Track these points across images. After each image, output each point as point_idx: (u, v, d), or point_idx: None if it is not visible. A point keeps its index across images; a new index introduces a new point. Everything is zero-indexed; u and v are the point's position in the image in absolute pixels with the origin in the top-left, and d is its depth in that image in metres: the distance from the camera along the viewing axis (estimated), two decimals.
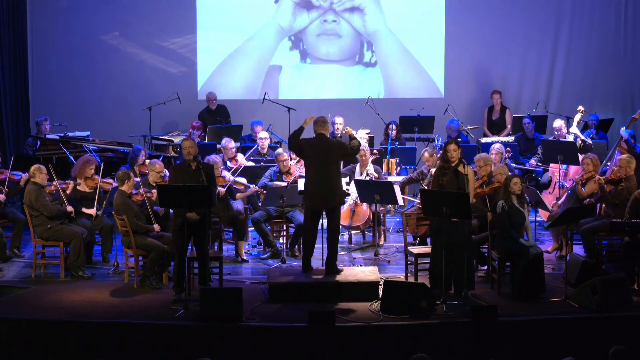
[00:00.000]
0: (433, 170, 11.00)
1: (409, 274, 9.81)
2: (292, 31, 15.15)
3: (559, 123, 12.71)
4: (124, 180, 9.81)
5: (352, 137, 9.76)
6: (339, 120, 13.29)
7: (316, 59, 15.18)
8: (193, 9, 15.02)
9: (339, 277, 9.28)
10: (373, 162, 11.55)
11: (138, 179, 10.31)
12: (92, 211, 10.48)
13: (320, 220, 9.65)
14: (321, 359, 8.22)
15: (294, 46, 15.19)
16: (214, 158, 10.75)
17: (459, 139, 11.87)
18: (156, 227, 9.72)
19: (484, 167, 10.25)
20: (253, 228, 10.93)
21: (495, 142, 12.47)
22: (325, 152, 9.38)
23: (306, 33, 15.15)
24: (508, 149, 12.03)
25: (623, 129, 11.86)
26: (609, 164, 11.58)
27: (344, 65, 15.22)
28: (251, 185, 11.08)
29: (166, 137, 13.63)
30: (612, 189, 10.14)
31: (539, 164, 12.48)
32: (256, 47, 15.14)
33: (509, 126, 14.42)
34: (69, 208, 10.18)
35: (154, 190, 10.02)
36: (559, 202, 11.04)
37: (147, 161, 11.11)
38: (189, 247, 9.37)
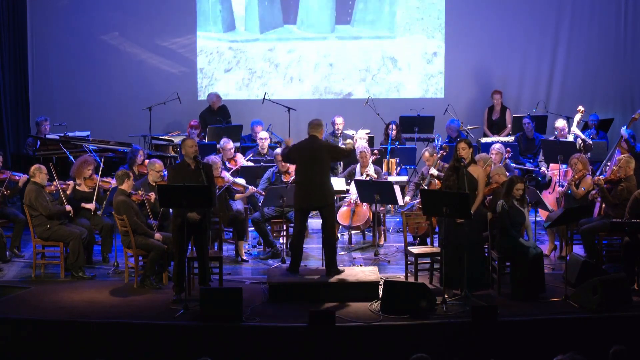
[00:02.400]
0: (431, 169, 11.04)
1: (409, 274, 9.81)
2: (291, 30, 15.13)
3: (561, 123, 12.70)
4: (124, 179, 9.82)
5: (348, 149, 9.79)
6: (339, 120, 13.29)
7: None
8: (193, 9, 15.02)
9: (339, 277, 9.28)
10: (373, 162, 11.55)
11: (137, 182, 10.31)
12: (91, 205, 10.48)
13: (312, 221, 9.67)
14: (321, 359, 8.23)
15: (294, 45, 15.17)
16: (213, 158, 10.75)
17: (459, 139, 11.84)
18: (157, 235, 9.68)
19: (484, 168, 10.25)
20: (253, 228, 10.93)
21: (496, 142, 12.46)
22: (313, 153, 9.41)
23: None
24: (508, 149, 12.02)
25: (623, 128, 11.85)
26: (609, 164, 11.57)
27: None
28: (250, 187, 11.07)
29: (166, 137, 13.63)
30: (610, 186, 10.14)
31: (547, 170, 12.41)
32: (256, 47, 15.13)
33: (509, 126, 14.42)
34: (68, 207, 10.18)
35: (152, 193, 10.02)
36: (552, 194, 11.05)
37: (147, 161, 11.11)
38: (189, 247, 9.37)
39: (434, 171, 10.98)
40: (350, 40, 15.11)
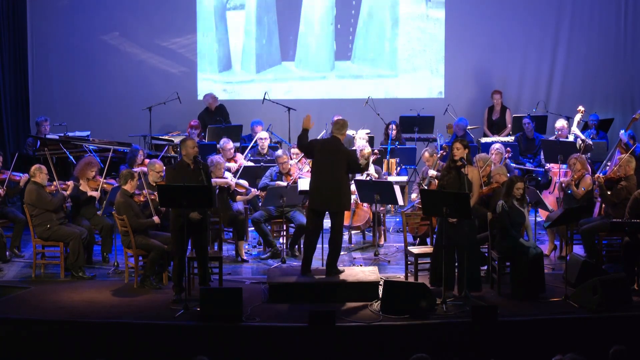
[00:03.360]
0: (430, 171, 11.03)
1: (409, 274, 9.81)
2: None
3: (561, 123, 12.70)
4: (127, 179, 9.80)
5: (366, 161, 9.78)
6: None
7: (316, 58, 15.15)
8: (193, 9, 15.02)
9: (339, 277, 9.27)
10: (373, 162, 11.54)
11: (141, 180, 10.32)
12: (96, 194, 10.49)
13: (324, 222, 9.65)
14: (321, 359, 8.23)
15: (294, 45, 15.16)
16: (217, 158, 10.75)
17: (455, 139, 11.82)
18: (155, 218, 9.66)
19: (483, 168, 10.26)
20: (253, 228, 10.93)
21: (495, 142, 12.46)
22: (333, 156, 9.30)
23: (306, 32, 15.13)
24: (508, 149, 12.02)
25: (622, 132, 11.83)
26: (609, 164, 11.58)
27: (344, 64, 15.19)
28: (252, 189, 11.06)
29: (166, 137, 13.62)
30: (608, 184, 10.15)
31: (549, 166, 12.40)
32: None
33: (509, 126, 14.42)
34: (65, 193, 10.19)
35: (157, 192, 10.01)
36: (552, 194, 11.05)
37: (147, 161, 11.11)
38: (189, 248, 9.36)
39: (432, 172, 10.97)
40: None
